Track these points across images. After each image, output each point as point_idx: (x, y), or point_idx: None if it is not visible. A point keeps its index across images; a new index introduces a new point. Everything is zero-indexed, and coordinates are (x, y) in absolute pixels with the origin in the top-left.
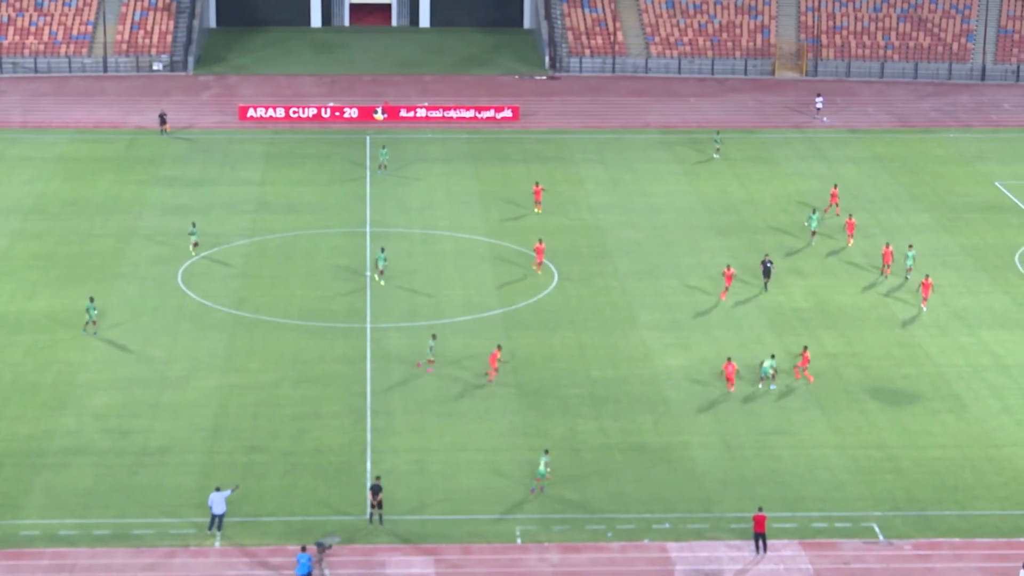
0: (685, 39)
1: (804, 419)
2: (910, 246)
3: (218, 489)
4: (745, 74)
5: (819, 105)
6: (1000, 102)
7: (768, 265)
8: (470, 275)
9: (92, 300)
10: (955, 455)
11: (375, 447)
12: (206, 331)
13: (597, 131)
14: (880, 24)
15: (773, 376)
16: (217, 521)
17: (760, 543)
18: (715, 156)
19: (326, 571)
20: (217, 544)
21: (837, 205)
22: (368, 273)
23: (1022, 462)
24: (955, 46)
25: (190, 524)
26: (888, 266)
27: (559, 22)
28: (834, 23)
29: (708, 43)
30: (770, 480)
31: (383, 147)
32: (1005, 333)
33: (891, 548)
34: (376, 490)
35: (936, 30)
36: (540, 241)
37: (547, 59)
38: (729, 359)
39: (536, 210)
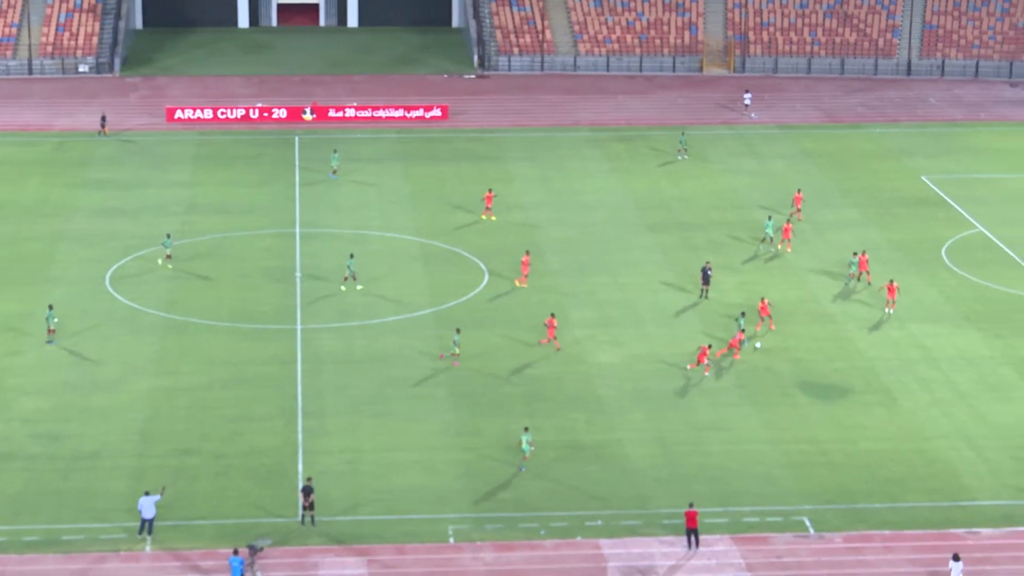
0: (613, 37)
1: (737, 414)
2: (855, 253)
3: (147, 493)
4: (674, 71)
5: (747, 101)
6: (926, 96)
7: (708, 272)
8: (401, 275)
9: (51, 308)
10: (886, 448)
11: (307, 448)
12: (137, 334)
13: (527, 129)
14: (807, 20)
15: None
16: (147, 525)
17: (692, 539)
18: (682, 157)
19: (258, 574)
20: (148, 549)
21: (799, 210)
22: (298, 274)
23: (951, 454)
24: (881, 41)
25: (121, 529)
26: (863, 273)
27: (487, 21)
28: (761, 19)
29: (636, 41)
30: (703, 476)
31: (334, 151)
32: (933, 326)
33: (822, 541)
34: (308, 491)
35: (862, 26)
36: (527, 253)
37: (476, 58)
38: (708, 345)
39: (483, 216)
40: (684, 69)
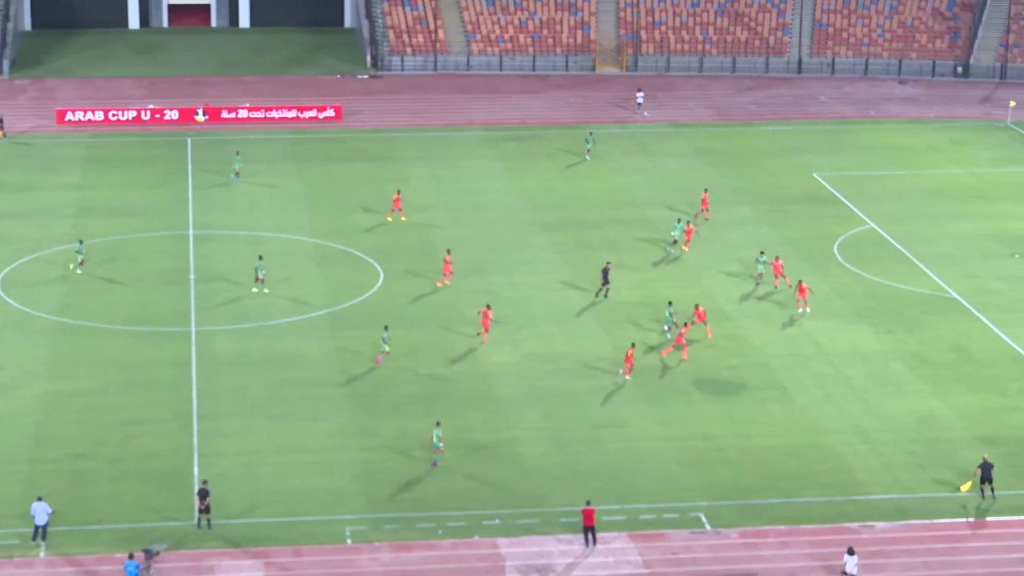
0: (506, 36)
1: (632, 412)
2: (761, 252)
3: (40, 499)
4: (566, 70)
5: (640, 100)
6: (816, 94)
7: (607, 271)
8: (296, 276)
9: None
10: (780, 444)
11: (203, 451)
12: (29, 338)
13: (421, 129)
14: (698, 19)
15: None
16: (40, 531)
17: (589, 536)
18: (586, 157)
19: None
20: (42, 555)
21: (707, 210)
22: (192, 276)
23: (845, 449)
24: (772, 40)
25: (15, 535)
26: (779, 277)
27: (380, 21)
28: (653, 19)
29: (529, 40)
30: (600, 474)
31: (237, 153)
32: (826, 322)
33: (718, 537)
34: (204, 494)
35: (753, 24)
36: (448, 252)
37: (369, 58)
38: (633, 344)
39: (388, 218)
40: (577, 68)
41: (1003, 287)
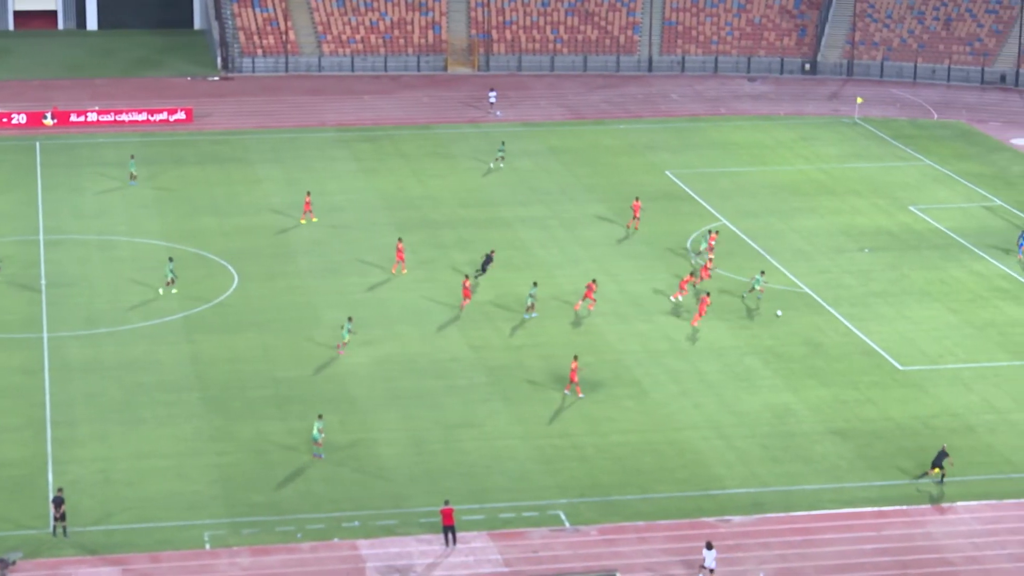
0: (357, 37)
1: (488, 411)
2: (762, 272)
3: None
4: (418, 70)
5: (492, 99)
6: (667, 92)
7: (490, 258)
8: (149, 280)
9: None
10: (637, 440)
11: (57, 458)
12: None
13: (273, 131)
14: (549, 18)
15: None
16: None
17: (449, 536)
18: (500, 165)
19: None
20: None
21: (638, 219)
22: (43, 282)
23: (701, 444)
24: (622, 38)
25: None
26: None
27: (230, 22)
28: (504, 18)
29: (380, 40)
30: (457, 473)
31: (132, 156)
32: (680, 318)
33: (577, 534)
34: (59, 502)
35: (603, 23)
36: (400, 240)
37: (219, 60)
38: (576, 356)
39: (303, 220)
40: (429, 68)
41: (853, 281)
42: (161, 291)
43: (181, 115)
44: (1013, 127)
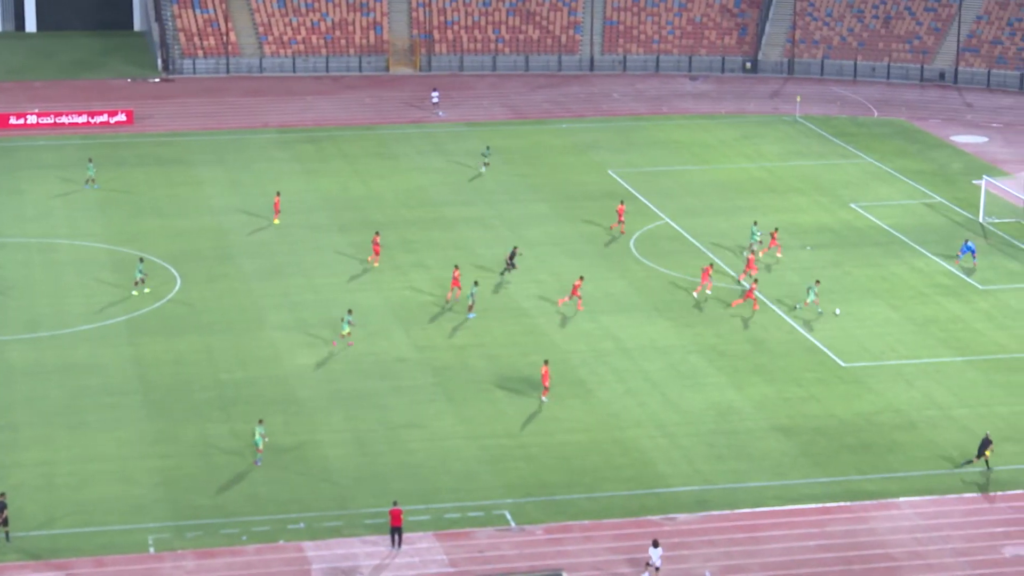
0: (299, 38)
1: (433, 411)
2: (817, 281)
3: None
4: (360, 71)
5: (435, 99)
6: (609, 92)
7: (515, 253)
8: (92, 283)
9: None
10: (582, 439)
11: None
12: None
13: (215, 132)
14: (490, 18)
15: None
16: None
17: (396, 537)
18: (482, 170)
19: None
20: None
21: (623, 222)
22: None
23: (646, 443)
24: (564, 38)
25: None
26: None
27: (170, 24)
28: (445, 18)
29: (322, 41)
30: (403, 474)
31: (89, 160)
32: (624, 317)
33: (523, 534)
34: (1, 507)
35: (545, 23)
36: (377, 234)
37: (160, 61)
38: (546, 361)
39: (275, 221)
40: (371, 69)
41: (796, 279)
42: (134, 292)
43: (122, 117)
44: (953, 124)
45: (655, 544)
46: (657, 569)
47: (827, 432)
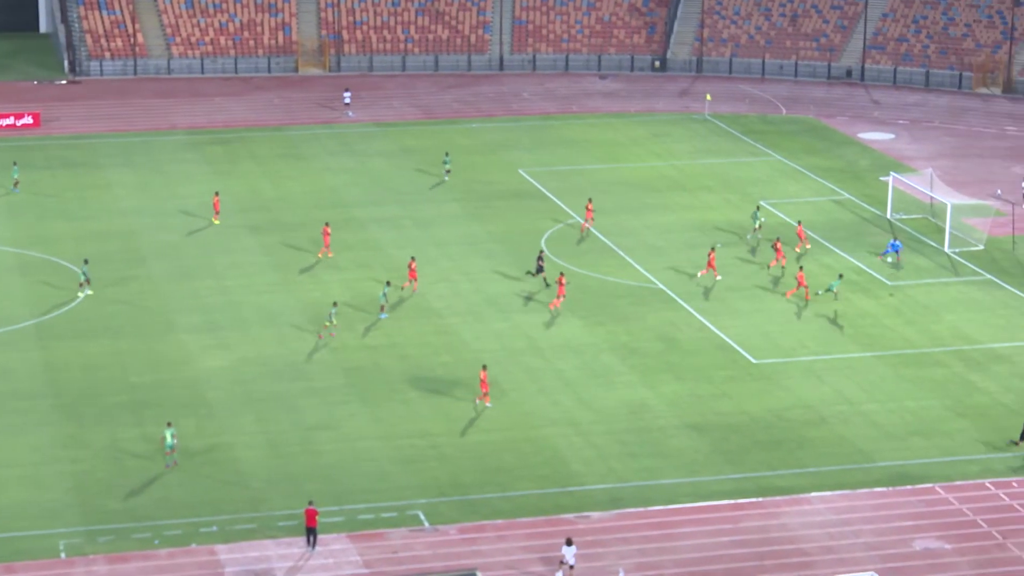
0: (207, 39)
1: (346, 412)
2: (840, 275)
3: None
4: (269, 72)
5: (347, 100)
6: (519, 91)
7: (540, 262)
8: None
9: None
10: (496, 439)
11: None
12: None
13: (123, 134)
14: (400, 18)
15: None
16: None
17: (311, 538)
18: (445, 178)
19: None
20: None
21: (591, 219)
22: None
23: (559, 441)
24: (473, 38)
25: None
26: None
27: (76, 25)
28: (354, 18)
29: (230, 42)
30: (316, 475)
31: (14, 163)
32: (536, 316)
33: (437, 534)
34: None
35: (454, 23)
36: (326, 224)
37: (66, 63)
38: (484, 366)
39: (215, 220)
40: (280, 70)
41: (707, 277)
42: (80, 294)
43: (28, 119)
44: (860, 121)
45: (569, 542)
46: (571, 567)
47: (739, 429)
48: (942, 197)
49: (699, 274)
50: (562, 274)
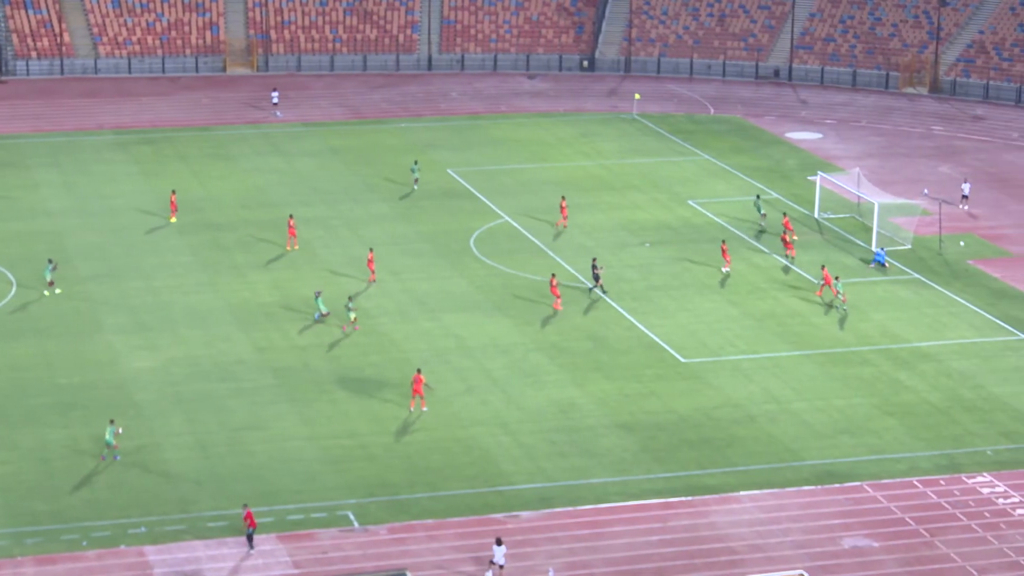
0: (134, 38)
1: (274, 413)
2: (836, 277)
3: None
4: (197, 72)
5: (275, 100)
6: (447, 91)
7: (596, 271)
8: None
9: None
10: (424, 438)
11: None
12: None
13: (49, 134)
14: (328, 18)
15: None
16: None
17: (251, 540)
18: (415, 187)
19: None
20: None
21: (565, 218)
22: None
23: (488, 441)
24: (401, 37)
25: None
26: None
27: (2, 24)
28: (282, 18)
29: (157, 42)
30: (244, 476)
31: None
32: (465, 316)
33: (367, 534)
34: None
35: (382, 22)
36: (291, 217)
37: None
38: (419, 369)
39: (172, 219)
40: (207, 69)
41: (635, 276)
42: (46, 292)
43: None
44: (787, 120)
45: (499, 542)
46: (501, 567)
47: (667, 428)
48: (869, 196)
49: (724, 268)
50: (554, 275)
